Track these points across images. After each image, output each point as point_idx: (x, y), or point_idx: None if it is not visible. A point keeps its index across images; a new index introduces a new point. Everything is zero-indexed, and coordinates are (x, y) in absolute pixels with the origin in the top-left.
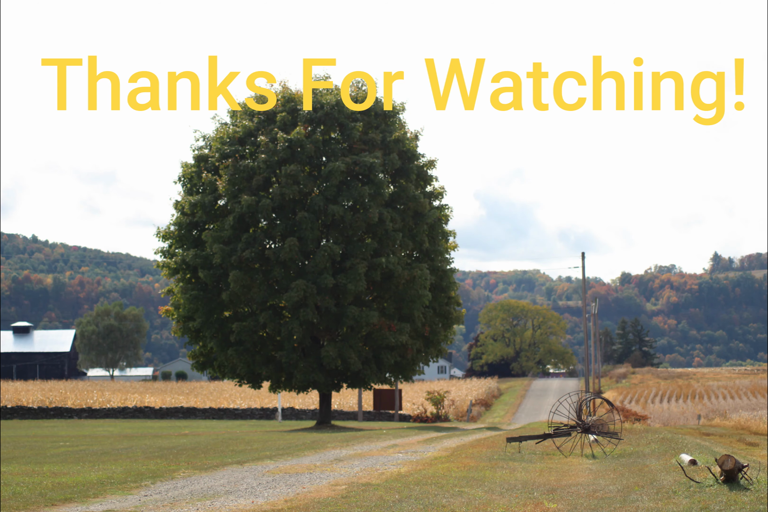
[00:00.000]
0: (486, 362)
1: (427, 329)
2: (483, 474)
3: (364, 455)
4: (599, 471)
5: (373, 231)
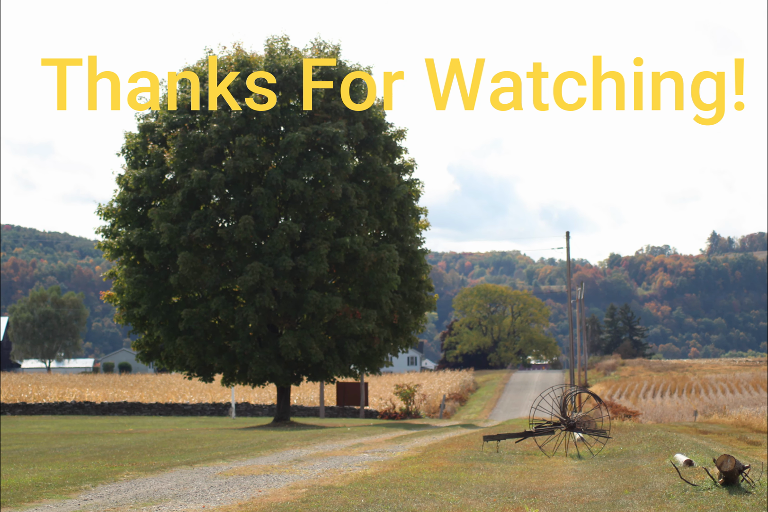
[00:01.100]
0: (461, 352)
1: (396, 317)
2: (457, 475)
3: (327, 455)
4: (585, 472)
5: (336, 208)
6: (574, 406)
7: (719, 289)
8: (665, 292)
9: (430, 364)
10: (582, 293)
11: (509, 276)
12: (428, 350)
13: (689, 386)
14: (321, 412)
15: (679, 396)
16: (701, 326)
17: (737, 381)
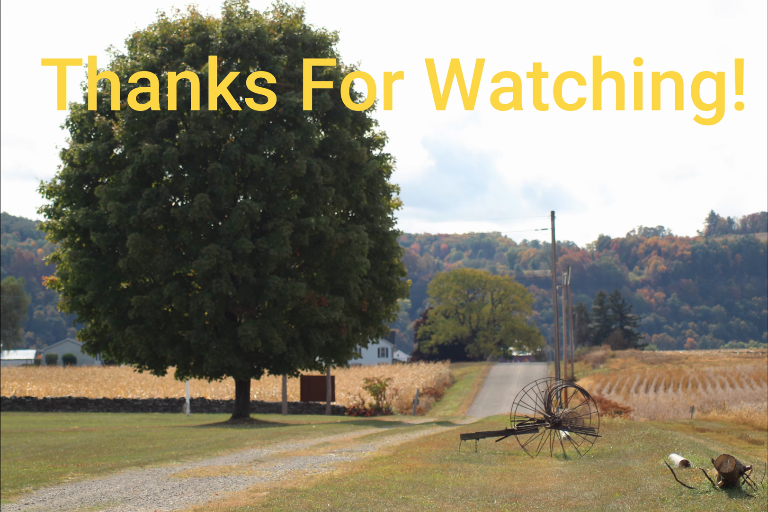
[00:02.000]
0: (436, 343)
1: (366, 304)
2: (432, 477)
3: (290, 455)
4: (572, 474)
5: (300, 186)
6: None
7: (718, 274)
8: (659, 277)
9: (403, 356)
10: (568, 278)
11: (489, 260)
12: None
13: (685, 379)
14: (283, 408)
15: (674, 390)
16: (698, 314)
17: (738, 375)
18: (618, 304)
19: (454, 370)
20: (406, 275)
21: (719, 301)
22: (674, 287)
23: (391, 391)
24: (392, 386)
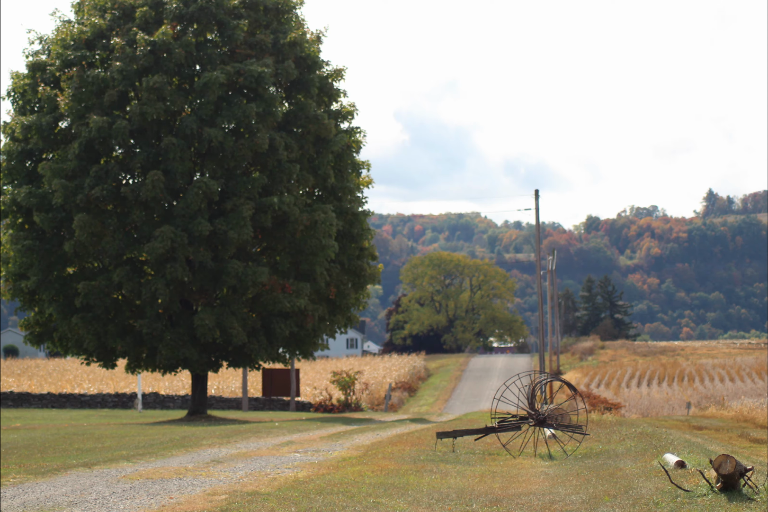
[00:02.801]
0: (410, 333)
1: (333, 291)
2: (406, 479)
3: (251, 455)
4: (558, 475)
5: (262, 162)
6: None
7: (717, 258)
8: (652, 261)
9: (374, 347)
10: (554, 262)
11: (467, 243)
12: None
13: (681, 373)
14: (244, 404)
15: (669, 384)
16: (695, 302)
17: (738, 367)
18: (608, 291)
19: (430, 362)
20: (378, 259)
21: (718, 287)
22: (669, 273)
23: (360, 385)
24: (362, 380)
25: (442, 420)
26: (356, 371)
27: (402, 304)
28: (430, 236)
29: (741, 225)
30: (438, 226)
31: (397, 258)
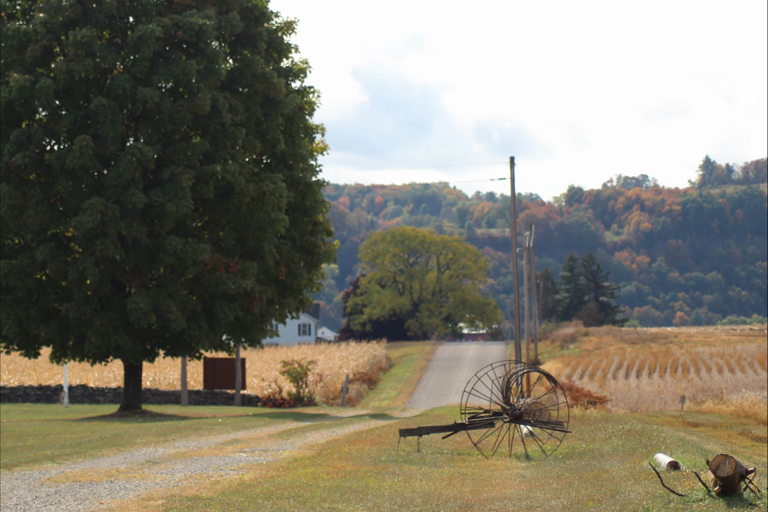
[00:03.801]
0: (370, 318)
1: (283, 271)
2: (365, 482)
3: (191, 455)
4: (536, 478)
5: (203, 126)
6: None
7: (714, 233)
8: (642, 237)
9: (329, 334)
10: (531, 238)
11: (434, 216)
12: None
13: (674, 363)
14: (183, 398)
15: (660, 376)
16: (690, 283)
17: (738, 356)
18: (592, 270)
19: (392, 351)
20: (333, 234)
21: (715, 267)
22: (661, 250)
23: (314, 377)
24: (316, 370)
25: (406, 415)
26: (309, 360)
27: (361, 285)
28: (392, 209)
29: (741, 196)
30: (401, 198)
31: (356, 234)
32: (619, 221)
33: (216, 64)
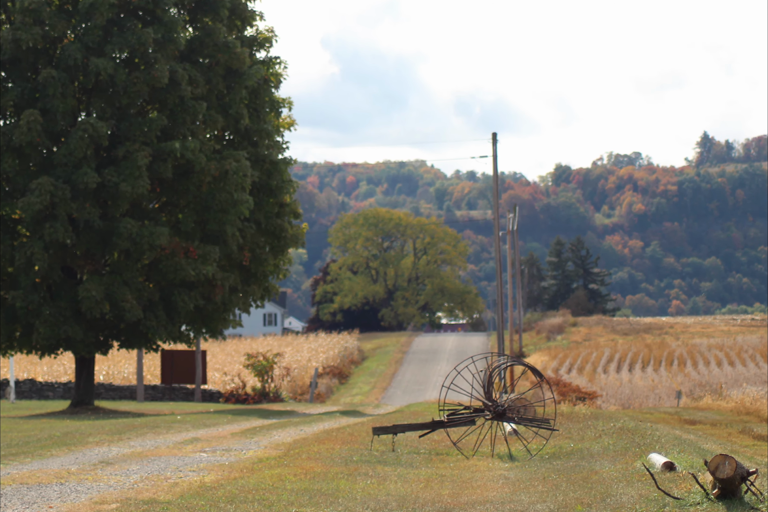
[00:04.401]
0: (341, 307)
1: (247, 256)
2: (335, 485)
3: (148, 455)
4: (520, 480)
5: (161, 99)
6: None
7: (713, 216)
8: (635, 220)
9: (297, 324)
10: (515, 221)
11: (410, 197)
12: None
13: (670, 355)
14: (139, 393)
15: (655, 369)
16: (687, 269)
17: (739, 349)
18: (581, 255)
19: (365, 343)
20: (301, 217)
21: (714, 252)
22: (655, 234)
23: (281, 371)
24: (282, 364)
25: (380, 412)
26: (275, 353)
27: (331, 272)
28: (365, 190)
29: (742, 176)
30: (375, 177)
31: (325, 216)
32: (610, 203)
33: (174, 32)
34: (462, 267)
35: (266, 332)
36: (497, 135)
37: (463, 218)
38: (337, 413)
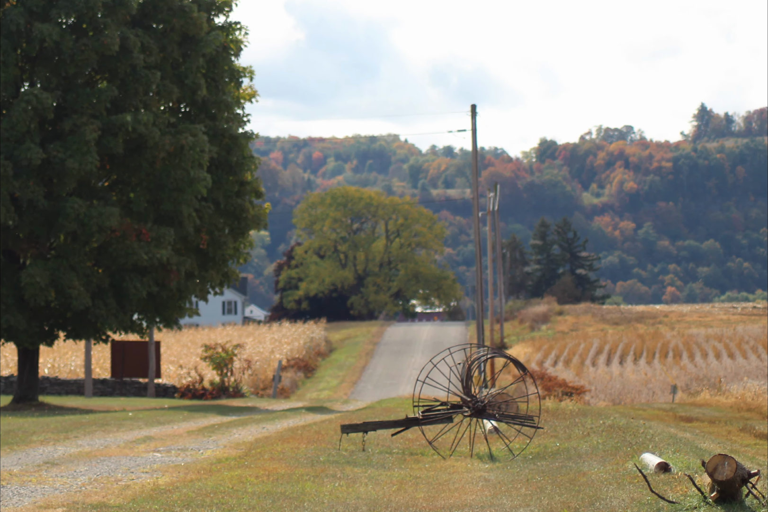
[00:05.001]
0: (306, 294)
1: (205, 239)
2: (301, 487)
3: (96, 455)
4: (501, 482)
5: (111, 68)
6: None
7: (711, 195)
8: (626, 200)
9: (259, 313)
10: (496, 200)
11: (382, 175)
12: (255, 292)
13: (664, 347)
14: (87, 388)
15: (648, 362)
16: (683, 253)
17: (739, 339)
18: (567, 238)
19: (333, 333)
20: (264, 196)
21: (713, 234)
22: (648, 214)
23: (241, 363)
24: (243, 356)
25: (349, 408)
26: (236, 344)
27: (296, 256)
28: (332, 167)
29: (743, 151)
30: (343, 153)
31: (290, 195)
32: (600, 181)
33: None
34: (438, 251)
35: (225, 322)
36: (477, 107)
37: (440, 198)
38: (303, 409)
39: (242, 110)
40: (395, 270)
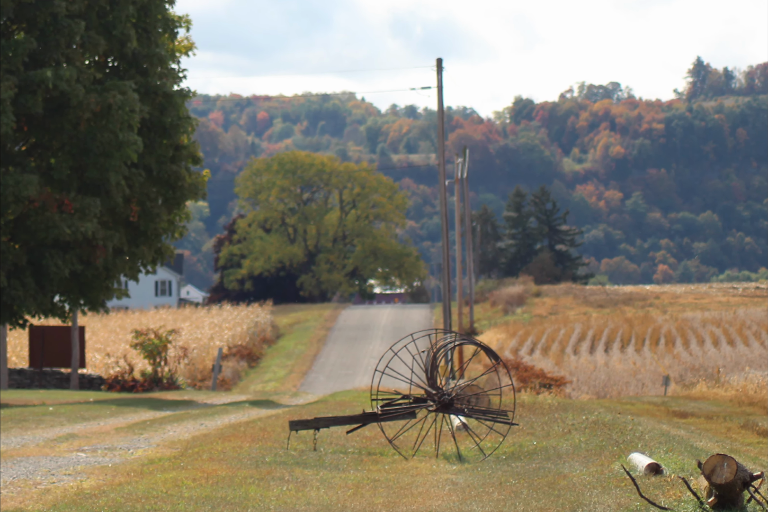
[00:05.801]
0: (251, 273)
1: (135, 210)
2: (244, 492)
3: (12, 455)
4: (471, 486)
5: (29, 17)
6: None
7: (708, 160)
8: (612, 166)
9: (197, 294)
10: (465, 167)
11: (336, 138)
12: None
13: (655, 333)
14: (2, 379)
15: (637, 350)
16: (677, 226)
17: (740, 324)
18: (546, 210)
19: (281, 317)
20: (202, 162)
21: (710, 205)
22: (637, 183)
23: (177, 351)
24: (179, 343)
25: (299, 402)
26: (170, 330)
27: (238, 230)
28: (280, 128)
29: (744, 111)
30: (292, 113)
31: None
32: (582, 145)
33: None
34: (400, 224)
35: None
36: (443, 62)
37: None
38: (246, 403)
39: (177, 65)
40: (351, 246)
